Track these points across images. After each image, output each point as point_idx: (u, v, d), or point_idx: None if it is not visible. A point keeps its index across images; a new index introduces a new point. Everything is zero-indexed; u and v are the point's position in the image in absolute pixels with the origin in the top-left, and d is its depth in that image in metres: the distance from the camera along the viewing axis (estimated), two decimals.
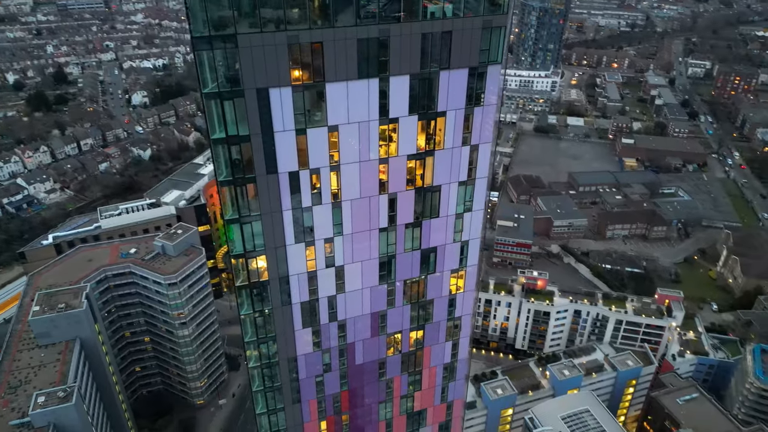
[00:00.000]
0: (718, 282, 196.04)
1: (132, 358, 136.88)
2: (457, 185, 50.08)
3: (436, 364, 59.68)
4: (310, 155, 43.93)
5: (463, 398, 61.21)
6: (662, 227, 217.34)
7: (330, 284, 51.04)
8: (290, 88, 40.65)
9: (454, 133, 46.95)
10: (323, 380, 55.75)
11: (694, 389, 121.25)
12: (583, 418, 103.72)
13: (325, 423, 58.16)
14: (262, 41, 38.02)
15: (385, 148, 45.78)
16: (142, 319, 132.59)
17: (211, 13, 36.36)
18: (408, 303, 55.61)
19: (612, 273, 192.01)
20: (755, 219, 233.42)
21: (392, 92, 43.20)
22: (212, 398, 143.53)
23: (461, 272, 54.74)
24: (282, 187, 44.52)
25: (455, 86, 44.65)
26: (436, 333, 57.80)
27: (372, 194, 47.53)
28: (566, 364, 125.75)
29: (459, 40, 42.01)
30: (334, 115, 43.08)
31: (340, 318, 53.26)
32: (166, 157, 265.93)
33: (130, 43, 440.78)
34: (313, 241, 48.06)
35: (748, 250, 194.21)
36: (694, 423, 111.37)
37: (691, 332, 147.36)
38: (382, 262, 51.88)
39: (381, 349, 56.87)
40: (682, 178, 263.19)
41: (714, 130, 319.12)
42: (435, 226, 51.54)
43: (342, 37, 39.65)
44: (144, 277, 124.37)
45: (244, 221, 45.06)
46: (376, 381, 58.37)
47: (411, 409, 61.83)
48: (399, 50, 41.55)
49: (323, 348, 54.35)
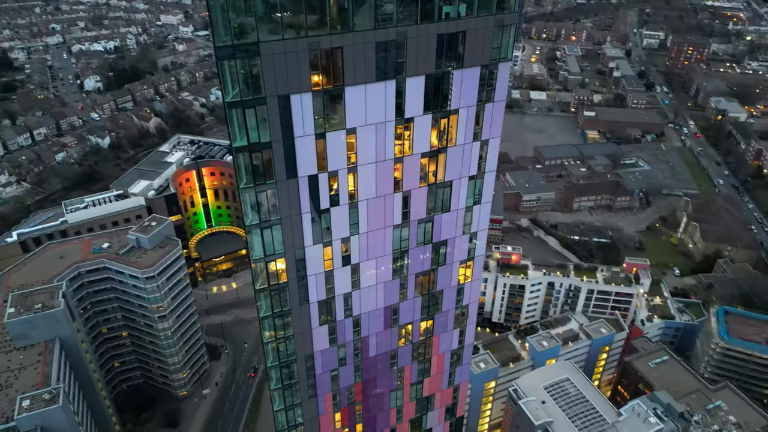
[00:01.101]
0: (679, 248, 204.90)
1: (110, 353, 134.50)
2: (468, 180, 50.89)
3: (444, 351, 61.29)
4: (328, 158, 43.97)
5: (468, 381, 63.18)
6: (625, 197, 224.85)
7: (346, 282, 51.52)
8: (310, 93, 40.45)
9: (466, 129, 47.50)
10: (338, 374, 56.58)
11: (664, 352, 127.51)
12: (564, 386, 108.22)
13: (340, 414, 59.28)
14: (284, 48, 37.67)
15: (400, 147, 46.10)
16: (119, 314, 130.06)
17: (234, 23, 35.85)
18: (419, 295, 56.63)
19: (580, 244, 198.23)
20: (711, 186, 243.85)
21: (408, 93, 43.34)
22: (195, 389, 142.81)
23: (469, 263, 56.06)
24: (301, 191, 44.56)
25: (468, 84, 45.04)
26: (445, 321, 59.25)
27: (387, 193, 47.94)
28: (544, 335, 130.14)
29: (472, 39, 42.39)
30: (352, 118, 43.11)
31: (355, 314, 54.00)
32: (126, 145, 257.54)
33: (77, 24, 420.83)
34: (330, 242, 48.41)
35: (706, 216, 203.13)
36: (666, 384, 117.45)
37: (658, 298, 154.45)
38: (396, 258, 52.65)
39: (393, 340, 58.00)
40: (642, 148, 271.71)
41: (670, 100, 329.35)
42: (446, 220, 52.43)
43: (361, 41, 39.54)
44: (120, 271, 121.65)
45: (264, 226, 45.05)
46: (388, 371, 59.57)
47: (420, 394, 63.53)
48: (416, 51, 41.68)
49: (339, 343, 55.03)
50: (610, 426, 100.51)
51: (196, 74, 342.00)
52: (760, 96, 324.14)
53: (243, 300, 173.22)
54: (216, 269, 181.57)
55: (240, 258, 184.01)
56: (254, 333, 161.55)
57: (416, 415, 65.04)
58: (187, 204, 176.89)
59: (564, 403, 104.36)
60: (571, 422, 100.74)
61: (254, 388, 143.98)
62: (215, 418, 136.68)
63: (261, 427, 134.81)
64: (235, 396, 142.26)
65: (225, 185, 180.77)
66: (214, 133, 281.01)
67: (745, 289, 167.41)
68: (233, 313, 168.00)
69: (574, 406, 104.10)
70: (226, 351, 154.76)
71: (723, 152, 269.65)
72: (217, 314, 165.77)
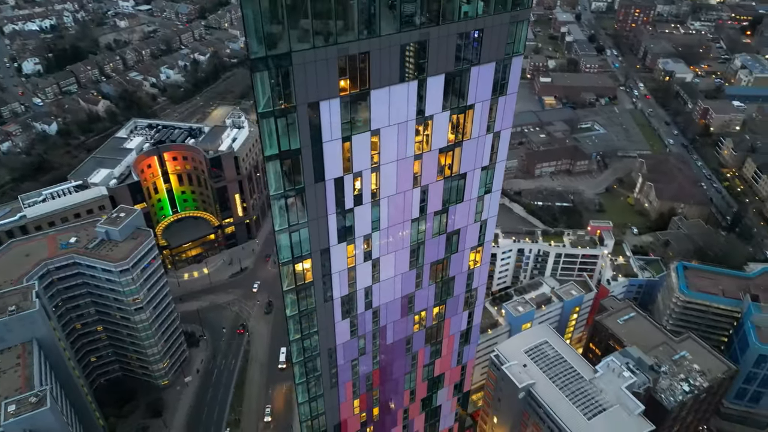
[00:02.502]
0: (636, 207, 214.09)
1: (86, 349, 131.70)
2: (480, 170, 52.06)
3: (454, 332, 63.42)
4: (353, 160, 44.46)
5: (474, 358, 65.72)
6: (584, 161, 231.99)
7: (367, 276, 52.48)
8: (338, 99, 40.70)
9: (480, 123, 48.42)
10: (358, 363, 57.86)
11: (631, 309, 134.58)
12: (543, 349, 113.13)
13: (358, 401, 60.70)
14: (314, 57, 37.75)
15: (419, 144, 46.74)
16: (93, 309, 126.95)
17: (267, 34, 35.74)
18: (433, 283, 58.12)
19: (544, 209, 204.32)
20: (662, 146, 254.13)
21: (429, 92, 43.92)
22: (176, 377, 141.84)
23: (479, 248, 57.77)
24: (328, 193, 44.98)
25: (484, 80, 45.82)
26: (456, 305, 61.18)
27: (407, 189, 48.81)
28: (519, 300, 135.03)
29: (489, 36, 43.01)
30: (376, 120, 43.62)
31: (374, 305, 55.17)
32: (76, 131, 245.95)
33: (6, 2, 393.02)
34: (353, 239, 49.10)
35: (660, 175, 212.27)
36: (634, 339, 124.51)
37: (621, 257, 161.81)
38: (413, 249, 53.67)
39: (408, 327, 59.52)
40: (596, 112, 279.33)
41: (620, 63, 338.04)
42: (459, 210, 53.65)
43: (387, 44, 39.86)
44: (91, 266, 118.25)
45: (292, 230, 45.50)
46: (404, 356, 61.16)
47: (432, 374, 65.81)
48: (437, 52, 42.20)
49: (359, 334, 56.23)
50: (587, 382, 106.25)
51: (143, 52, 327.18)
52: (703, 56, 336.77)
53: (216, 285, 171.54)
54: (185, 255, 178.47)
55: (209, 243, 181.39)
56: (231, 317, 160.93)
57: (427, 395, 67.49)
58: (150, 191, 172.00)
59: (544, 365, 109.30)
60: (552, 382, 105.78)
61: (236, 374, 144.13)
62: (199, 405, 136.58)
63: (246, 410, 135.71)
64: (217, 382, 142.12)
65: (188, 170, 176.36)
66: (167, 115, 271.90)
67: (699, 243, 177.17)
68: (207, 299, 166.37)
69: (553, 367, 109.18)
70: (204, 337, 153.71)
71: (672, 112, 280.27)
72: (191, 301, 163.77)
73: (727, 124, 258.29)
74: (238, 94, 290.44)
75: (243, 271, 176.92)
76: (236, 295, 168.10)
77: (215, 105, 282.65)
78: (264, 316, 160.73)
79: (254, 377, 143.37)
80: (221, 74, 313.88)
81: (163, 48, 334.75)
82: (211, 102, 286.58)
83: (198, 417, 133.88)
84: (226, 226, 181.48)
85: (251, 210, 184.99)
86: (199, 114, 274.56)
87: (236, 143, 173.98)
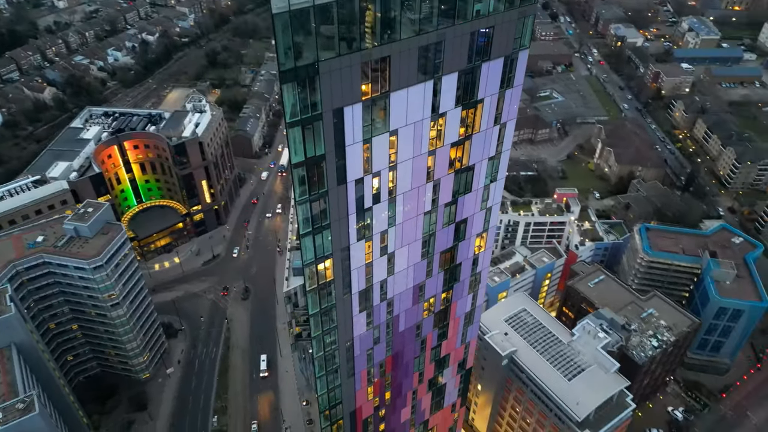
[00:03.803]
0: (596, 172, 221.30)
1: (62, 348, 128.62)
2: (487, 161, 53.60)
3: (459, 314, 65.52)
4: (373, 161, 45.43)
5: (476, 337, 68.14)
6: (545, 129, 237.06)
7: (382, 270, 53.87)
8: (360, 103, 41.52)
9: (489, 116, 49.67)
10: (372, 352, 59.41)
11: (600, 272, 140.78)
12: (522, 317, 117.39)
13: (372, 387, 62.51)
14: (339, 64, 38.36)
15: (433, 140, 47.78)
16: (66, 308, 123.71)
17: (296, 45, 36.12)
18: (442, 270, 59.93)
19: (510, 179, 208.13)
20: (618, 111, 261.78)
21: (443, 90, 44.89)
22: (157, 370, 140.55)
23: (484, 234, 59.55)
24: (349, 194, 45.98)
25: (493, 75, 47.01)
26: (462, 289, 63.24)
27: (421, 184, 50.05)
28: (494, 270, 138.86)
29: (499, 32, 44.15)
30: (395, 120, 44.61)
31: (389, 297, 56.67)
32: (23, 121, 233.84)
33: None
34: (371, 236, 50.23)
35: (618, 140, 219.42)
36: (605, 301, 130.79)
37: (587, 222, 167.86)
38: (424, 240, 55.13)
39: (419, 313, 61.45)
40: (554, 79, 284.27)
41: (573, 30, 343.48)
42: (468, 199, 55.39)
43: (406, 47, 40.63)
44: (62, 265, 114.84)
45: (315, 233, 46.39)
46: (414, 341, 62.97)
47: (438, 356, 68.09)
48: (452, 51, 43.21)
49: (374, 325, 57.66)
50: (566, 346, 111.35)
51: (86, 34, 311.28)
52: (652, 20, 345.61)
53: (189, 274, 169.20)
54: (154, 246, 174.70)
55: (178, 232, 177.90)
56: (207, 306, 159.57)
57: (434, 375, 69.88)
58: (112, 181, 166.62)
59: (524, 332, 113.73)
60: (533, 348, 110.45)
61: (219, 361, 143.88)
62: (184, 395, 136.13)
63: (232, 397, 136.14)
64: (200, 371, 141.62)
65: (151, 158, 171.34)
66: (120, 100, 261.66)
67: (658, 205, 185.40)
68: (182, 288, 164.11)
69: (533, 333, 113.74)
70: (183, 328, 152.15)
71: (625, 77, 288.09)
72: (164, 291, 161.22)
73: (677, 86, 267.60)
74: (192, 75, 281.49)
75: (215, 258, 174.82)
76: (211, 282, 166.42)
77: (170, 87, 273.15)
78: (241, 302, 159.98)
79: (237, 363, 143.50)
80: (173, 54, 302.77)
81: (107, 29, 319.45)
82: (165, 84, 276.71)
83: (184, 407, 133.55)
84: (194, 213, 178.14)
85: (219, 196, 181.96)
86: (153, 98, 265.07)
87: (200, 128, 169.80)
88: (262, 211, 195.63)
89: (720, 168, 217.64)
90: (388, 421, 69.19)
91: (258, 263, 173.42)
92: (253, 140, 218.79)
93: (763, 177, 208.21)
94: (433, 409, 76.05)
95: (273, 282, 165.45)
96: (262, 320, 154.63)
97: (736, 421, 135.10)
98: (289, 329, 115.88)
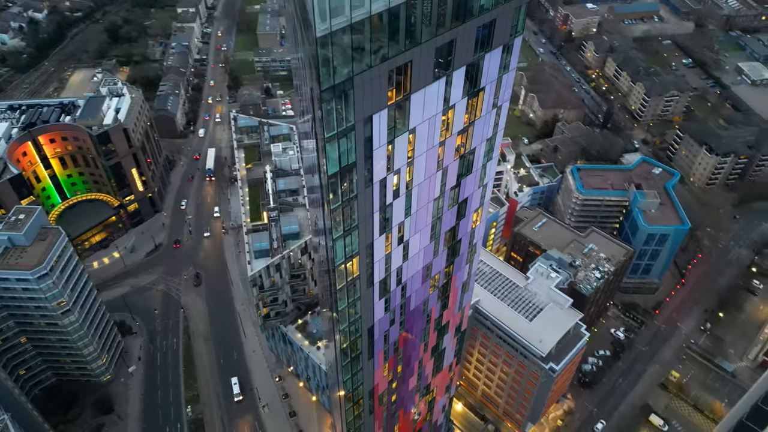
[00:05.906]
0: (523, 118, 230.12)
1: (12, 364, 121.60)
2: (486, 142, 55.71)
3: (458, 285, 68.68)
4: (394, 159, 46.84)
5: (471, 301, 72.02)
6: None
7: (399, 257, 55.95)
8: (386, 109, 42.72)
9: (488, 101, 51.50)
10: (389, 333, 61.80)
11: (543, 216, 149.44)
12: (479, 267, 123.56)
13: (387, 364, 65.42)
14: (370, 75, 39.34)
15: (443, 131, 49.49)
16: (11, 321, 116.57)
17: (335, 63, 36.68)
18: (446, 248, 62.56)
19: None
20: (535, 56, 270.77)
21: (453, 84, 46.35)
22: (118, 370, 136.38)
23: (479, 209, 62.04)
24: (374, 194, 47.41)
25: (493, 63, 48.72)
26: (461, 262, 66.33)
27: (432, 173, 52.05)
28: None
29: (500, 23, 45.70)
30: (413, 120, 46.07)
31: (403, 281, 58.95)
32: None
33: None
34: (390, 229, 51.98)
35: (540, 86, 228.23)
36: (550, 242, 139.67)
37: (522, 169, 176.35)
38: (433, 224, 57.33)
39: (426, 290, 64.28)
40: None
41: None
42: (469, 180, 57.78)
43: (426, 50, 41.88)
44: (2, 278, 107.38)
45: (345, 234, 47.77)
46: (422, 316, 65.87)
47: (440, 325, 71.31)
48: (461, 47, 44.55)
49: (391, 308, 59.91)
50: (523, 289, 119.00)
51: None
52: None
53: (132, 268, 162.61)
54: (89, 243, 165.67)
55: (112, 225, 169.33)
56: (159, 297, 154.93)
57: (436, 342, 73.40)
58: (32, 181, 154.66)
59: (484, 282, 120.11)
60: (494, 296, 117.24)
61: (182, 351, 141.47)
62: (152, 391, 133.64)
63: (203, 384, 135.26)
64: (164, 363, 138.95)
65: (71, 150, 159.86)
66: (16, 87, 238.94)
67: (582, 144, 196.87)
68: (127, 283, 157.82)
69: (491, 281, 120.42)
70: (137, 323, 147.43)
71: (537, 22, 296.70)
72: (110, 289, 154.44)
73: (586, 27, 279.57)
74: (94, 54, 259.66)
75: (158, 247, 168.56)
76: (158, 273, 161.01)
77: (71, 69, 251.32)
78: (194, 288, 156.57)
79: (202, 350, 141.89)
80: (67, 32, 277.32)
81: None
82: (65, 66, 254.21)
83: (153, 402, 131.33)
84: (127, 204, 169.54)
85: (151, 182, 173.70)
86: (54, 82, 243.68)
87: (121, 114, 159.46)
88: (197, 192, 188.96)
89: (632, 103, 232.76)
90: (398, 391, 73.52)
91: (204, 247, 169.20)
92: (176, 119, 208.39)
93: (669, 107, 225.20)
94: (435, 372, 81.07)
95: (224, 265, 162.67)
96: (218, 304, 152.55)
97: (669, 333, 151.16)
98: (257, 311, 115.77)
